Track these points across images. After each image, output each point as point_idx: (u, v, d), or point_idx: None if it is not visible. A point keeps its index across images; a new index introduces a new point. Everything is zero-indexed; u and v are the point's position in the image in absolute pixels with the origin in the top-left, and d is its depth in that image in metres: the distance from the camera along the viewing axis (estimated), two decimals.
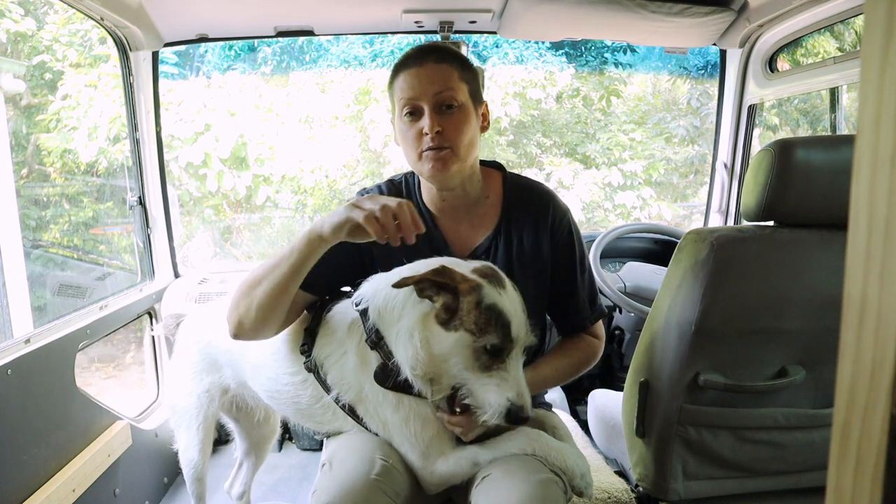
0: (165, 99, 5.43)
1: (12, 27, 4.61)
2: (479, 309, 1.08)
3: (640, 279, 2.44)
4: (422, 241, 1.32)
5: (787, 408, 1.35)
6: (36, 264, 4.60)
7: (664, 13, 2.09)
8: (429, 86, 1.26)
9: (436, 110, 1.27)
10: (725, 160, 2.72)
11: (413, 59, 1.29)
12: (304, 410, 1.39)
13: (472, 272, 1.13)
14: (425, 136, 1.27)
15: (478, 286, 1.10)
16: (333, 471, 1.20)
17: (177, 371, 1.68)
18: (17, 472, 1.54)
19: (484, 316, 1.08)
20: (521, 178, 1.46)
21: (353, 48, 6.43)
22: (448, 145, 1.27)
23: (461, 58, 1.33)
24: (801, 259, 1.25)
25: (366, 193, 1.40)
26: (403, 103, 1.29)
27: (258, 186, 6.09)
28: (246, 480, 1.98)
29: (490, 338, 1.08)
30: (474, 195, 1.40)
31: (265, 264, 1.27)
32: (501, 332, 1.08)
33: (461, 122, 1.28)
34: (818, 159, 1.22)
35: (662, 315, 1.33)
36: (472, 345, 1.09)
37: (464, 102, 1.29)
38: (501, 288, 1.12)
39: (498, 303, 1.09)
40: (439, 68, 1.27)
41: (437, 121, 1.26)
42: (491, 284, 1.11)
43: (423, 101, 1.27)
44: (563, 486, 1.20)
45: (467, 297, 1.09)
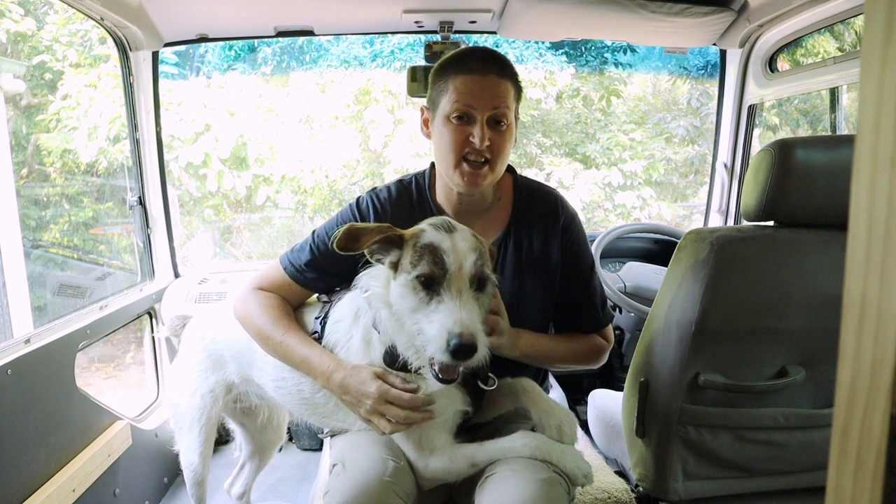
0: (165, 99, 5.43)
1: (12, 27, 4.61)
2: (415, 248, 1.12)
3: (640, 279, 2.44)
4: None
5: (787, 408, 1.35)
6: (36, 264, 4.60)
7: (664, 13, 2.09)
8: (489, 99, 1.27)
9: (487, 123, 1.28)
10: (725, 160, 2.72)
11: (477, 65, 1.28)
12: (307, 399, 1.41)
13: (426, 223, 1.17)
14: (472, 143, 1.28)
15: (419, 231, 1.14)
16: (346, 472, 1.21)
17: (181, 371, 1.68)
18: (17, 472, 1.54)
19: (418, 253, 1.11)
20: (531, 181, 1.48)
21: (353, 48, 6.43)
22: (489, 158, 1.30)
23: (517, 76, 1.34)
24: (801, 259, 1.25)
25: (376, 196, 1.43)
26: (457, 106, 1.28)
27: (258, 186, 6.09)
28: (247, 482, 1.98)
29: (421, 268, 1.09)
30: (489, 199, 1.42)
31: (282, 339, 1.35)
32: (432, 262, 1.09)
33: (506, 141, 1.31)
34: (818, 159, 1.22)
35: (662, 315, 1.33)
36: (406, 282, 1.11)
37: (511, 122, 1.32)
38: (447, 232, 1.13)
39: (434, 241, 1.11)
40: (501, 84, 1.28)
41: (489, 134, 1.28)
42: (435, 229, 1.14)
43: (478, 111, 1.28)
44: (567, 487, 1.20)
45: (409, 243, 1.14)
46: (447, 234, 1.13)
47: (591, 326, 1.47)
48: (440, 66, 1.34)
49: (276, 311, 1.39)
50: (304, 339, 1.34)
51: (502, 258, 1.39)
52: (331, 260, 1.39)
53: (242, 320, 1.43)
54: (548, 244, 1.39)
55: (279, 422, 1.90)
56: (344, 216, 1.44)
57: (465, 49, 1.36)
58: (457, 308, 1.06)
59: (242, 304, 1.44)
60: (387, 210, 1.41)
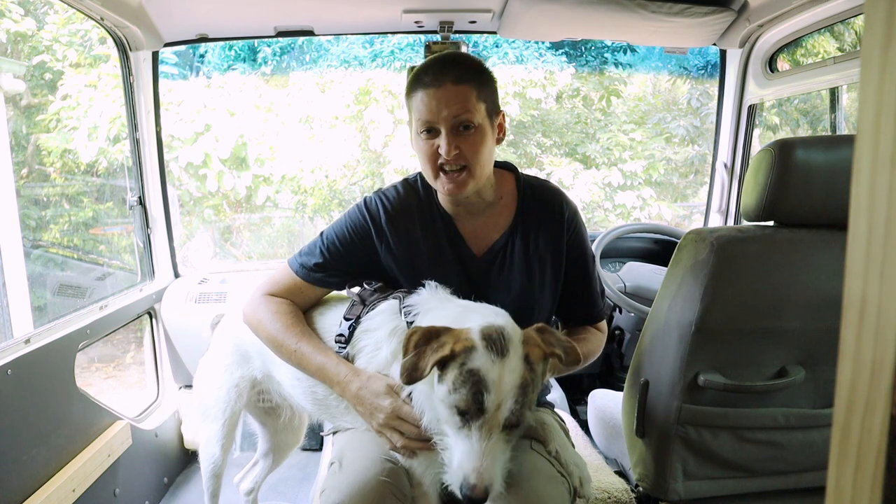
0: (165, 99, 5.43)
1: (12, 27, 4.61)
2: (461, 368, 1.04)
3: (640, 279, 2.44)
4: (443, 240, 1.40)
5: (787, 408, 1.35)
6: (36, 264, 4.59)
7: (664, 13, 2.09)
8: (445, 109, 1.27)
9: (452, 132, 1.28)
10: (725, 160, 2.72)
11: (431, 78, 1.28)
12: (320, 400, 1.42)
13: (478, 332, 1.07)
14: (440, 153, 1.29)
15: (469, 347, 1.05)
16: (343, 471, 1.21)
17: (210, 366, 1.70)
18: (17, 472, 1.54)
19: (461, 377, 1.04)
20: (534, 178, 1.50)
21: (353, 48, 6.42)
22: (465, 164, 1.30)
23: (480, 73, 1.32)
24: (801, 259, 1.25)
25: (383, 196, 1.44)
26: (420, 124, 1.31)
27: (258, 186, 6.09)
28: (257, 479, 1.99)
29: (458, 399, 1.03)
30: (488, 198, 1.42)
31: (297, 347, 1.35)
32: (471, 398, 1.02)
33: (477, 143, 1.29)
34: (818, 159, 1.22)
35: (662, 315, 1.33)
36: (446, 400, 1.06)
37: (480, 123, 1.29)
38: (498, 356, 1.04)
39: (481, 369, 1.03)
40: (457, 90, 1.27)
41: (454, 141, 1.28)
42: (487, 349, 1.04)
43: (439, 123, 1.28)
44: (569, 487, 1.21)
45: (458, 357, 1.05)
46: (497, 361, 1.03)
47: (592, 317, 1.51)
48: (406, 87, 1.35)
49: (289, 318, 1.38)
50: (319, 347, 1.34)
51: (511, 252, 1.41)
52: (340, 262, 1.42)
53: (254, 327, 1.43)
54: (554, 239, 1.42)
55: (298, 424, 1.91)
56: (352, 217, 1.44)
57: (424, 63, 1.35)
58: (480, 453, 1.02)
59: (253, 310, 1.44)
60: (396, 209, 1.42)
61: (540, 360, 1.09)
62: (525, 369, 1.05)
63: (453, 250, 1.41)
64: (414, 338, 1.07)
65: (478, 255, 1.42)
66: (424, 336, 1.07)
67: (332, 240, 1.42)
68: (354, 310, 1.36)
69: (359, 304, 1.36)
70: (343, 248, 1.42)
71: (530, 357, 1.07)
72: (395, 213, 1.41)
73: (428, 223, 1.42)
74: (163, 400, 2.59)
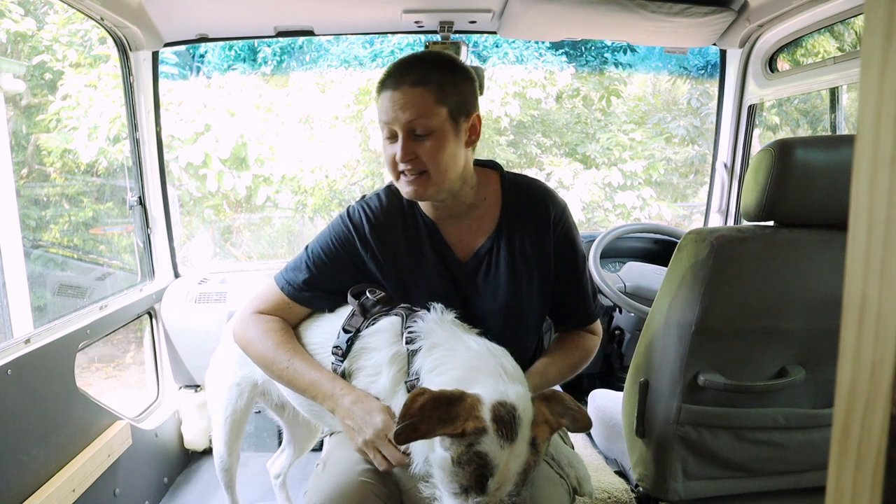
0: (165, 99, 5.43)
1: (12, 27, 4.60)
2: (468, 449, 1.01)
3: (640, 279, 2.44)
4: (427, 247, 1.36)
5: (787, 408, 1.35)
6: (36, 264, 4.59)
7: (664, 13, 2.09)
8: (401, 113, 1.23)
9: (409, 136, 1.25)
10: (725, 160, 2.72)
11: (392, 81, 1.25)
12: (315, 411, 1.42)
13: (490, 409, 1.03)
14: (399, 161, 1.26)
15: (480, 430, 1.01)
16: (326, 471, 1.23)
17: (216, 364, 1.72)
18: (17, 472, 1.54)
19: (468, 456, 1.01)
20: (518, 176, 1.45)
21: (353, 48, 6.42)
22: (423, 169, 1.26)
23: (443, 73, 1.26)
24: (801, 259, 1.25)
25: (366, 205, 1.40)
26: (381, 126, 1.28)
27: (258, 186, 6.09)
28: (284, 466, 2.04)
29: (461, 474, 1.02)
30: (469, 201, 1.38)
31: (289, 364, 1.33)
32: (475, 479, 1.01)
33: (435, 149, 1.25)
34: (818, 159, 1.22)
35: (662, 315, 1.33)
36: (446, 468, 1.04)
37: (438, 127, 1.24)
38: (507, 441, 1.01)
39: (489, 453, 1.00)
40: (414, 94, 1.23)
41: (412, 146, 1.25)
42: (497, 433, 1.01)
43: (395, 126, 1.25)
44: (568, 488, 1.21)
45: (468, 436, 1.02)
46: (505, 446, 1.01)
47: (584, 318, 1.46)
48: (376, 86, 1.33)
49: (279, 336, 1.36)
50: (311, 363, 1.32)
51: (496, 257, 1.37)
52: (328, 276, 1.38)
53: (244, 346, 1.41)
54: (541, 241, 1.37)
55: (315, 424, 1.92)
56: (336, 228, 1.40)
57: (393, 63, 1.31)
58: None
59: (243, 330, 1.41)
60: (379, 219, 1.38)
61: (545, 439, 1.07)
62: (530, 453, 1.04)
63: (438, 257, 1.37)
64: (420, 400, 1.01)
65: (463, 260, 1.37)
66: (432, 402, 1.01)
67: (318, 253, 1.39)
68: (354, 321, 1.31)
69: (359, 315, 1.32)
70: (329, 261, 1.38)
71: (537, 440, 1.05)
72: (378, 223, 1.37)
73: (412, 231, 1.38)
74: (163, 400, 2.59)
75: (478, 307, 1.35)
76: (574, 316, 1.46)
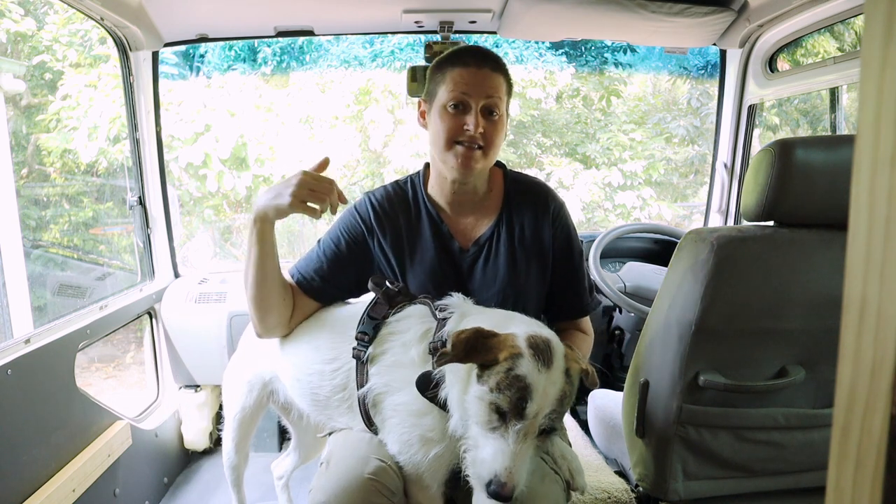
0: (165, 99, 5.43)
1: (12, 27, 4.60)
2: (507, 374, 1.05)
3: (640, 279, 2.44)
4: (429, 234, 1.43)
5: (787, 408, 1.35)
6: (36, 264, 4.59)
7: (664, 13, 2.09)
8: (483, 88, 1.34)
9: (482, 111, 1.35)
10: (725, 160, 2.72)
11: (473, 59, 1.36)
12: (320, 401, 1.41)
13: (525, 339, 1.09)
14: (466, 131, 1.34)
15: (516, 352, 1.07)
16: (330, 470, 1.22)
17: (233, 361, 1.74)
18: (17, 472, 1.54)
19: (507, 381, 1.05)
20: (520, 173, 1.55)
21: (353, 48, 6.42)
22: (483, 145, 1.36)
23: (509, 74, 1.42)
24: (801, 259, 1.25)
25: (371, 195, 1.49)
26: (454, 95, 1.35)
27: (258, 187, 6.08)
28: (288, 469, 2.03)
29: (500, 399, 1.04)
30: (481, 190, 1.47)
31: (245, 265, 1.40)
32: (515, 402, 1.04)
33: (499, 130, 1.38)
34: (818, 159, 1.22)
35: (662, 315, 1.33)
36: (485, 398, 1.06)
37: (503, 113, 1.39)
38: (544, 365, 1.06)
39: (528, 376, 1.04)
40: (495, 76, 1.36)
41: (482, 122, 1.35)
42: (533, 357, 1.06)
43: (473, 99, 1.34)
44: (564, 486, 1.21)
45: (503, 363, 1.07)
46: (542, 371, 1.05)
47: (578, 310, 1.52)
48: (439, 62, 1.41)
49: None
50: None
51: (496, 243, 1.44)
52: (339, 268, 1.44)
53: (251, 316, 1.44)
54: (540, 231, 1.45)
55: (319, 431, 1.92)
56: (344, 220, 1.48)
57: (463, 46, 1.44)
58: (514, 454, 1.03)
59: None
60: (385, 208, 1.46)
61: (577, 374, 1.12)
62: (565, 382, 1.08)
63: (439, 245, 1.44)
64: (463, 336, 1.07)
65: (464, 248, 1.45)
66: (474, 335, 1.08)
67: (328, 244, 1.46)
68: (379, 309, 1.33)
69: (384, 303, 1.34)
70: (339, 252, 1.45)
71: (570, 371, 1.10)
72: (383, 210, 1.46)
73: (415, 218, 1.46)
74: (163, 400, 2.59)
75: (475, 294, 1.39)
76: (570, 306, 1.52)
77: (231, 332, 2.49)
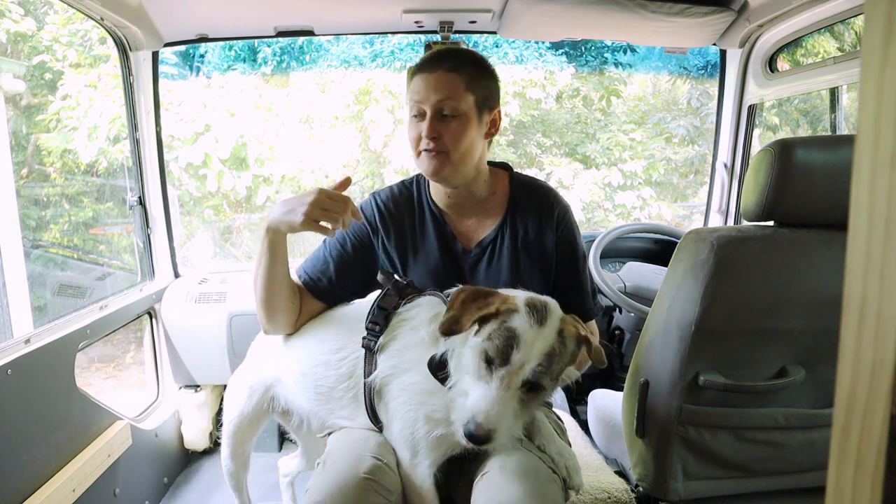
0: (165, 99, 5.42)
1: (12, 27, 4.60)
2: (500, 324, 1.10)
3: (640, 279, 2.44)
4: (433, 235, 1.45)
5: (787, 408, 1.35)
6: (36, 264, 4.59)
7: (664, 13, 2.09)
8: (433, 93, 1.34)
9: (436, 117, 1.35)
10: (725, 160, 2.72)
11: (427, 64, 1.37)
12: (323, 393, 1.41)
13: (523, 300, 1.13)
14: (423, 138, 1.36)
15: (513, 308, 1.11)
16: (326, 470, 1.22)
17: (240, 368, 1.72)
18: (17, 472, 1.54)
19: (498, 331, 1.09)
20: (527, 177, 1.54)
21: (353, 48, 6.42)
22: (444, 150, 1.35)
23: (476, 65, 1.39)
24: (801, 259, 1.25)
25: (377, 196, 1.51)
26: (411, 105, 1.38)
27: (258, 187, 6.09)
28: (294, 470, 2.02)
29: (488, 346, 1.08)
30: (480, 194, 1.47)
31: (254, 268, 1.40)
32: (501, 348, 1.07)
33: (458, 131, 1.35)
34: (818, 159, 1.22)
35: (662, 315, 1.33)
36: (477, 347, 1.10)
37: (465, 112, 1.35)
38: (536, 323, 1.09)
39: (518, 328, 1.08)
40: (447, 77, 1.34)
41: (437, 127, 1.34)
42: (528, 314, 1.10)
43: (426, 106, 1.35)
44: (562, 485, 1.21)
45: (499, 317, 1.11)
46: (534, 326, 1.09)
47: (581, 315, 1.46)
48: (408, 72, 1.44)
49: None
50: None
51: (500, 245, 1.44)
52: (344, 268, 1.46)
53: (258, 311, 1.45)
54: (542, 232, 1.45)
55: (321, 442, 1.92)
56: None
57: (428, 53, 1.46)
58: (493, 399, 1.06)
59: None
60: (389, 209, 1.48)
61: (573, 338, 1.13)
62: (557, 341, 1.10)
63: (443, 246, 1.44)
64: (462, 295, 1.13)
65: (468, 249, 1.45)
66: (472, 294, 1.14)
67: (335, 246, 1.47)
68: (389, 300, 1.35)
69: (394, 294, 1.35)
70: (345, 253, 1.46)
71: (564, 332, 1.12)
72: (387, 210, 1.48)
73: (419, 219, 1.47)
74: (163, 400, 2.59)
75: None
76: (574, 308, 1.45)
77: (231, 332, 2.49)
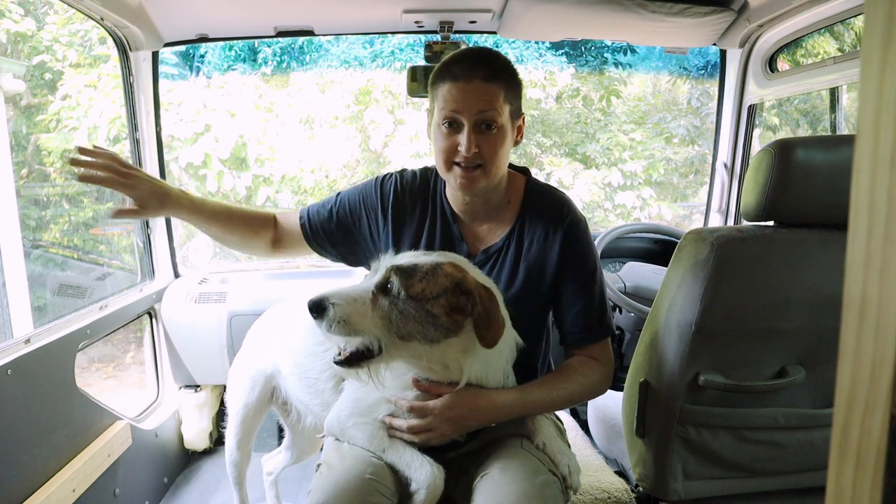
0: (165, 99, 5.42)
1: (12, 27, 4.60)
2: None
3: (640, 279, 2.44)
4: (438, 236, 1.41)
5: (787, 408, 1.35)
6: (36, 264, 4.59)
7: (664, 13, 2.09)
8: (473, 104, 1.26)
9: (475, 129, 1.27)
10: (725, 160, 2.72)
11: (462, 72, 1.27)
12: (311, 384, 1.45)
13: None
14: (459, 150, 1.28)
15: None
16: (329, 471, 1.22)
17: (238, 360, 1.75)
18: (17, 472, 1.54)
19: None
20: (543, 184, 1.46)
21: (353, 48, 6.42)
22: (481, 163, 1.29)
23: (510, 74, 1.31)
24: (801, 259, 1.25)
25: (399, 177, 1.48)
26: (444, 114, 1.29)
27: (258, 187, 6.09)
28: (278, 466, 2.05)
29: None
30: (496, 202, 1.41)
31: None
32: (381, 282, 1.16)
33: (497, 143, 1.29)
34: (818, 159, 1.22)
35: (662, 315, 1.33)
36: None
37: (503, 124, 1.29)
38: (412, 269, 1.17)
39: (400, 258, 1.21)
40: (486, 88, 1.26)
41: (475, 139, 1.27)
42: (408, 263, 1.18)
43: (464, 117, 1.27)
44: (561, 486, 1.21)
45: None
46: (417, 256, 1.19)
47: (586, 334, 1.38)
48: (433, 74, 1.33)
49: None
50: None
51: (503, 258, 1.39)
52: (343, 230, 1.47)
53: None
54: (547, 246, 1.36)
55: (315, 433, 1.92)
56: (367, 188, 1.48)
57: (455, 54, 1.33)
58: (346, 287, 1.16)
59: None
60: (404, 196, 1.45)
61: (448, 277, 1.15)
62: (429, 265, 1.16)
63: (447, 245, 1.40)
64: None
65: (472, 254, 1.40)
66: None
67: (344, 203, 1.48)
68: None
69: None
70: (351, 215, 1.46)
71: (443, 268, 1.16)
72: (402, 198, 1.44)
73: (429, 218, 1.43)
74: (163, 400, 2.59)
75: None
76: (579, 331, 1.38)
77: (231, 332, 2.49)
